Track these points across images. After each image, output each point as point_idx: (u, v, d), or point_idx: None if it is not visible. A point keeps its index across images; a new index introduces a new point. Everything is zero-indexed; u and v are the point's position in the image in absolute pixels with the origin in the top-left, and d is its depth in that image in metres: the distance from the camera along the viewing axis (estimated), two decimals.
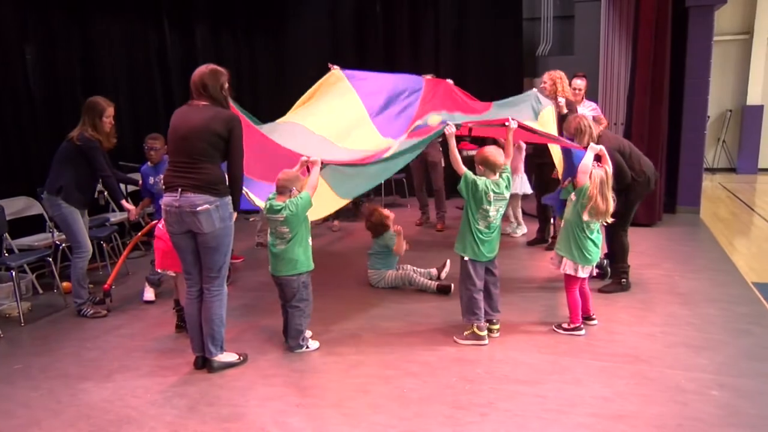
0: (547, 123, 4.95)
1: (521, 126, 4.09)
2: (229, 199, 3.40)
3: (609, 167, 3.85)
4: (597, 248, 3.87)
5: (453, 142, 3.82)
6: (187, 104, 3.44)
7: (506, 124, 3.93)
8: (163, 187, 3.43)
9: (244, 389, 3.27)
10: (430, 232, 7.10)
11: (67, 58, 6.10)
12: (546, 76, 5.56)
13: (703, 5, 7.06)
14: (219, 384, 3.35)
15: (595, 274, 4.05)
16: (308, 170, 3.76)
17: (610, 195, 3.79)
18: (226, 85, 3.42)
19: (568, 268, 3.86)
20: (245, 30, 9.12)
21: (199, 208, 3.26)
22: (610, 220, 3.86)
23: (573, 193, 3.91)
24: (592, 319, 4.04)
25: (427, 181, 7.31)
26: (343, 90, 5.12)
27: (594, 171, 3.81)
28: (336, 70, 5.23)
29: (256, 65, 9.34)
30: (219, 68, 3.43)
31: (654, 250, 5.92)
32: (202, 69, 3.41)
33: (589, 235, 3.82)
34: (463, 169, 3.74)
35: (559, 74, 5.53)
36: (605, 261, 4.85)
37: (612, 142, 4.57)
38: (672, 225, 7.06)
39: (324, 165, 3.86)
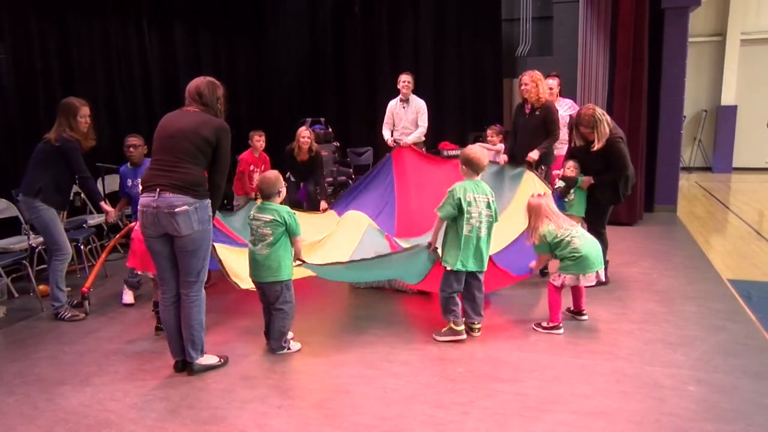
0: (527, 183, 5.08)
1: None
2: (208, 202, 3.35)
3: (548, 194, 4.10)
4: (590, 249, 3.85)
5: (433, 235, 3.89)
6: (179, 109, 3.43)
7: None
8: (141, 187, 3.38)
9: (224, 392, 3.25)
10: None
11: (44, 58, 6.00)
12: (527, 78, 5.51)
13: (679, 7, 7.18)
14: (199, 387, 3.32)
15: (601, 280, 4.01)
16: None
17: (551, 214, 3.91)
18: (222, 98, 3.48)
19: (567, 281, 3.89)
20: (224, 29, 9.06)
21: (177, 209, 3.20)
22: (577, 221, 3.95)
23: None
24: (583, 314, 4.09)
25: None
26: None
27: (531, 200, 3.99)
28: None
29: (234, 64, 9.29)
30: (216, 81, 3.48)
31: (632, 249, 6.00)
32: (200, 79, 3.45)
33: (578, 248, 3.81)
34: (440, 223, 3.81)
35: (539, 75, 5.54)
36: None
37: (620, 132, 4.68)
38: (650, 223, 7.16)
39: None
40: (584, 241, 3.87)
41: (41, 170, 4.32)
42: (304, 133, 6.45)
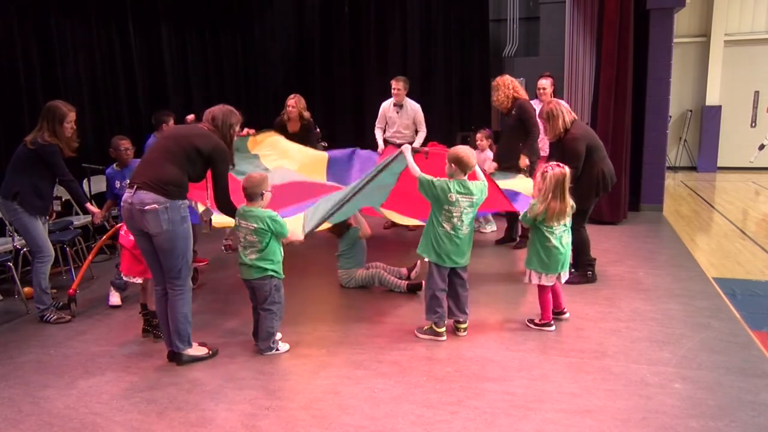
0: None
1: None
2: (181, 203, 3.37)
3: (567, 169, 3.87)
4: (561, 254, 3.86)
5: (409, 155, 3.90)
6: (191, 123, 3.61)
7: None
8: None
9: (212, 393, 3.24)
10: (400, 232, 7.11)
11: (26, 59, 5.93)
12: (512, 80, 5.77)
13: (664, 8, 7.25)
14: (187, 388, 3.30)
15: (568, 278, 4.01)
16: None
17: (567, 195, 3.82)
18: (236, 128, 3.61)
19: (533, 279, 3.91)
20: (211, 30, 9.00)
21: (146, 207, 3.25)
22: (568, 220, 3.91)
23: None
24: (564, 314, 4.09)
25: None
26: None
27: (551, 171, 3.83)
28: None
29: (221, 65, 9.24)
30: (234, 110, 3.62)
31: (619, 247, 6.05)
32: (219, 106, 3.61)
33: (555, 243, 3.82)
34: (418, 173, 3.78)
35: (500, 80, 5.81)
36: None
37: (581, 131, 4.72)
38: (636, 222, 7.22)
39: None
40: (558, 242, 3.85)
41: (18, 173, 4.26)
42: (290, 101, 6.31)
